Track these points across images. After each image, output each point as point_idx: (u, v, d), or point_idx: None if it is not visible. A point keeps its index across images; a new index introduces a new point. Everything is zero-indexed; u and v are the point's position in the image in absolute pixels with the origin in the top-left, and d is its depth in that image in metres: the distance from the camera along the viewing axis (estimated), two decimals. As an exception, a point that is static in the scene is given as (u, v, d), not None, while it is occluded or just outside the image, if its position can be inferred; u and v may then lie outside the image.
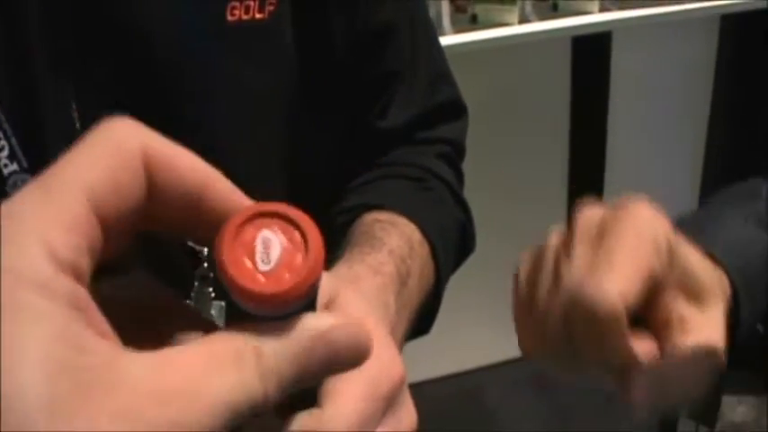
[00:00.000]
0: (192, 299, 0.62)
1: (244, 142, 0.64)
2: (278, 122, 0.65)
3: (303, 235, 0.27)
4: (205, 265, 0.61)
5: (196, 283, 0.62)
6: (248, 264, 0.26)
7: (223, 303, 0.63)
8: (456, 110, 0.75)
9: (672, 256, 0.41)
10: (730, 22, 1.99)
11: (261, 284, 0.26)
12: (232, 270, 0.26)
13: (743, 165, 1.93)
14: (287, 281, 0.26)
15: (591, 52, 1.98)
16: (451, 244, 0.69)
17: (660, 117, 2.11)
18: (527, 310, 0.43)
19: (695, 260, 0.43)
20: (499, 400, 2.27)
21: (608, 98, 2.04)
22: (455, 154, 0.75)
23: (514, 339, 0.46)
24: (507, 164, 2.02)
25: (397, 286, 0.56)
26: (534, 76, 1.99)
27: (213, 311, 0.62)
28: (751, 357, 0.56)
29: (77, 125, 0.57)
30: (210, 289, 0.62)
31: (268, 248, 0.26)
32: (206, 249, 0.61)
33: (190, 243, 0.60)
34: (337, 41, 0.65)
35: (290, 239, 0.27)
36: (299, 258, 0.27)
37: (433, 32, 0.73)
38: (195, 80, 0.60)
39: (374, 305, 0.50)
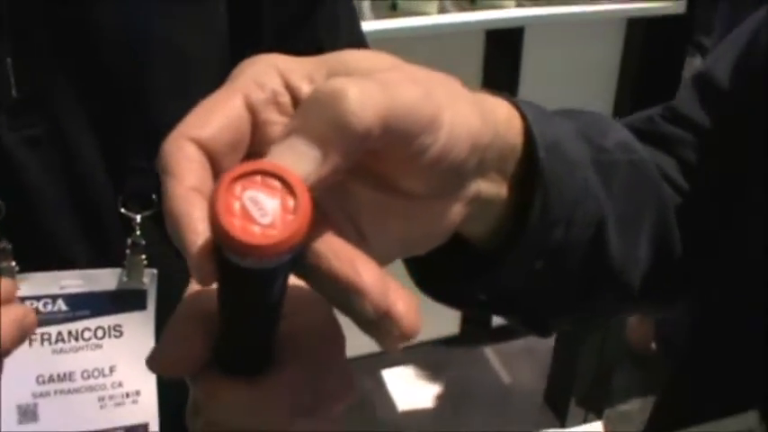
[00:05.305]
0: (124, 266, 0.63)
1: (184, 110, 0.64)
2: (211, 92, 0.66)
3: (292, 191, 0.28)
4: (137, 232, 0.62)
5: (128, 252, 0.63)
6: (240, 217, 0.27)
7: (155, 271, 0.64)
8: None
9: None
10: (636, 27, 2.06)
11: (252, 236, 0.27)
12: (224, 221, 0.27)
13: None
14: (278, 233, 0.27)
15: (503, 47, 2.02)
16: None
17: (566, 115, 2.18)
18: None
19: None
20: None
21: (517, 94, 2.09)
22: None
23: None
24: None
25: None
26: (446, 68, 2.01)
27: (146, 279, 0.63)
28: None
29: (13, 90, 0.57)
30: (143, 256, 0.63)
31: (259, 203, 0.28)
32: (138, 217, 0.62)
33: (123, 210, 0.62)
34: (266, 16, 0.65)
35: (281, 195, 0.28)
36: (289, 212, 0.28)
37: (352, 7, 0.75)
38: (131, 43, 0.60)
39: None
